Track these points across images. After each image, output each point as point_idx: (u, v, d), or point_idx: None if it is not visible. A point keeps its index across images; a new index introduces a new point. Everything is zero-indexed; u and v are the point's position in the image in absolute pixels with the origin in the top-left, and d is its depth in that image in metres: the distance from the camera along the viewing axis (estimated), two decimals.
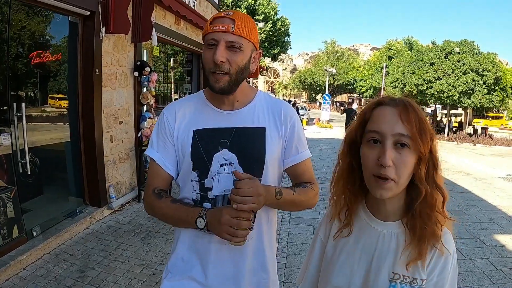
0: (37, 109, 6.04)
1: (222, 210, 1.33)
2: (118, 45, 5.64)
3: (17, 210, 3.99)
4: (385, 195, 1.04)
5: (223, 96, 1.48)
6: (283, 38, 33.72)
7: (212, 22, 1.41)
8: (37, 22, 5.33)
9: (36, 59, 5.43)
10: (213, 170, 1.47)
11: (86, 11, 4.98)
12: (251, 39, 1.43)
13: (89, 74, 5.15)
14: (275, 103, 1.61)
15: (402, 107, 1.05)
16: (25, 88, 5.45)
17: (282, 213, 5.90)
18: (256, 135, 1.51)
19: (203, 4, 9.40)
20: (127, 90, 6.03)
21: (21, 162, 4.20)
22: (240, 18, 1.40)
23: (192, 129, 1.50)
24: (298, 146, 1.59)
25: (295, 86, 50.61)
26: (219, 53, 1.35)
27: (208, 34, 1.40)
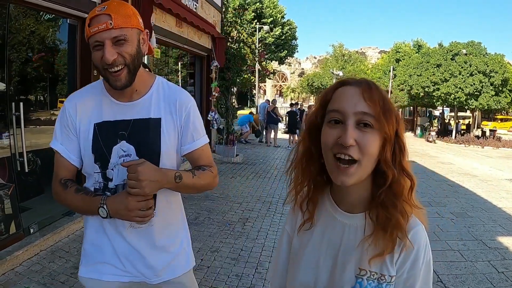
0: (41, 112, 6.17)
1: (127, 197, 1.40)
2: None
3: (15, 207, 4.08)
4: (347, 181, 0.97)
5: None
6: (290, 42, 33.79)
7: (90, 23, 1.40)
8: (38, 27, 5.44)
9: (39, 61, 5.54)
10: (112, 162, 1.53)
11: (85, 14, 5.06)
12: (132, 25, 1.43)
13: (87, 75, 5.23)
14: (172, 92, 1.64)
15: (365, 86, 0.99)
16: (26, 90, 5.55)
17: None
18: (152, 126, 1.56)
19: (205, 7, 9.49)
20: None
21: (19, 161, 4.29)
22: (114, 11, 1.39)
23: (92, 123, 1.53)
24: (194, 134, 1.64)
25: (303, 89, 50.43)
26: (107, 53, 1.37)
27: (91, 38, 1.40)
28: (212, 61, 9.50)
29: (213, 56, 9.52)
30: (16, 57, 5.42)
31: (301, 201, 1.16)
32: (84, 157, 1.55)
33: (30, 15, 5.20)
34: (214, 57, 9.50)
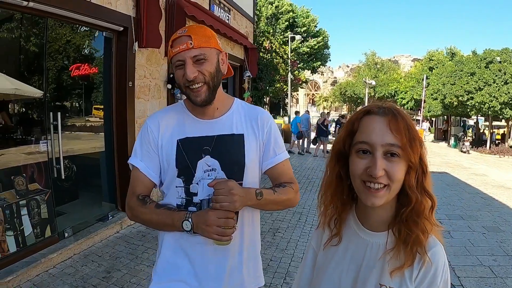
0: (76, 119, 6.40)
1: (208, 212, 1.43)
2: (151, 59, 5.92)
3: (51, 211, 4.29)
4: (377, 202, 1.02)
5: (204, 107, 1.57)
6: (323, 51, 33.64)
7: (172, 45, 1.52)
8: (74, 38, 5.68)
9: (76, 71, 5.78)
10: (197, 176, 1.56)
11: (120, 27, 5.29)
12: (211, 45, 1.52)
13: (122, 86, 5.44)
14: (252, 110, 1.70)
15: (390, 116, 1.03)
16: (64, 99, 5.77)
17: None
18: (236, 141, 1.60)
19: (237, 18, 9.64)
20: (160, 102, 6.30)
21: (56, 168, 4.50)
22: (194, 32, 1.50)
23: (175, 139, 1.58)
24: (275, 149, 1.68)
25: (335, 98, 50.03)
26: (189, 71, 1.47)
27: (173, 57, 1.51)
28: (245, 71, 9.62)
29: (245, 67, 9.64)
30: (53, 65, 5.67)
31: (329, 219, 1.22)
32: (167, 172, 1.60)
33: (67, 26, 5.45)
34: (247, 67, 9.61)
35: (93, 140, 6.35)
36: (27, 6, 4.05)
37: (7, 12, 4.59)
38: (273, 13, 27.57)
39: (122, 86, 5.44)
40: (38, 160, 4.52)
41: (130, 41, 5.35)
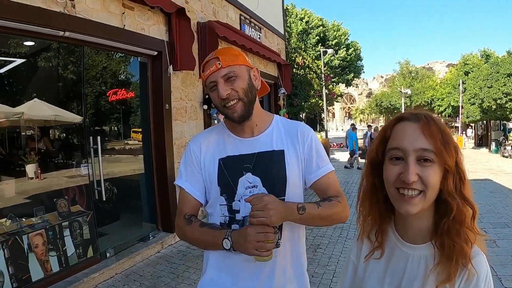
0: (115, 142, 6.60)
1: (246, 229, 1.44)
2: (186, 81, 6.07)
3: (93, 232, 4.44)
4: (412, 210, 1.00)
5: (243, 124, 1.60)
6: (356, 63, 33.44)
7: (204, 70, 1.59)
8: (110, 64, 5.91)
9: (113, 96, 6.00)
10: (239, 193, 1.58)
11: (154, 52, 5.47)
12: (239, 63, 1.57)
13: (159, 109, 5.59)
14: (291, 125, 1.71)
15: (423, 121, 1.02)
16: (103, 123, 5.97)
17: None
18: (276, 157, 1.62)
19: (269, 36, 9.74)
20: (197, 123, 6.41)
21: (97, 190, 4.66)
22: (221, 53, 1.57)
23: (217, 158, 1.63)
24: (318, 162, 1.66)
25: (371, 110, 49.31)
26: (221, 90, 1.51)
27: (206, 81, 1.58)
28: (279, 89, 9.68)
29: (280, 84, 9.70)
30: (91, 91, 5.89)
31: (368, 230, 1.20)
32: (210, 191, 1.64)
33: (103, 53, 5.68)
34: (281, 85, 9.67)
35: (132, 163, 6.52)
36: (64, 36, 4.25)
37: (45, 42, 4.83)
38: (304, 29, 27.68)
39: (159, 109, 5.59)
40: (80, 183, 4.72)
41: (164, 64, 5.51)
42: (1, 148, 8.54)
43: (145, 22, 5.31)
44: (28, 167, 7.54)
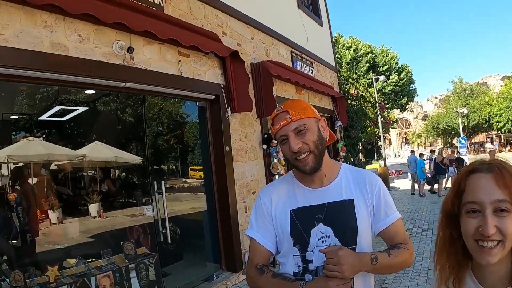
0: (174, 181, 6.68)
1: (327, 282, 1.46)
2: (244, 122, 6.10)
3: (158, 274, 4.50)
4: (492, 260, 1.01)
5: (313, 175, 1.63)
6: (408, 87, 32.79)
7: (273, 123, 1.65)
8: (169, 108, 6.05)
9: (173, 139, 6.12)
10: (312, 244, 1.61)
11: (211, 96, 5.59)
12: (308, 115, 1.61)
13: (220, 151, 5.67)
14: (359, 174, 1.74)
15: (496, 172, 1.03)
16: (162, 162, 6.10)
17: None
18: (346, 207, 1.64)
19: (321, 70, 9.72)
20: (257, 162, 6.40)
21: (162, 232, 4.71)
22: (290, 107, 1.62)
23: (288, 209, 1.67)
24: (387, 210, 1.68)
25: (429, 133, 47.89)
26: (292, 143, 1.56)
27: (276, 134, 1.63)
28: (335, 122, 9.56)
29: (335, 117, 9.58)
30: (149, 132, 6.04)
31: (446, 279, 1.19)
32: (283, 242, 1.68)
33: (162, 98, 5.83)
34: (337, 117, 9.56)
35: (192, 201, 6.57)
36: (125, 86, 4.43)
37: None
38: (353, 57, 27.59)
39: (220, 151, 5.68)
40: (142, 221, 4.79)
41: (222, 107, 5.60)
42: (66, 189, 8.93)
43: (201, 68, 5.43)
44: (91, 206, 7.86)
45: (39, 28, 3.65)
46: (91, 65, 4.06)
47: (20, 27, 3.50)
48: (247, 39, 6.62)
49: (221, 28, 6.03)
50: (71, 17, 3.87)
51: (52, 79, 3.92)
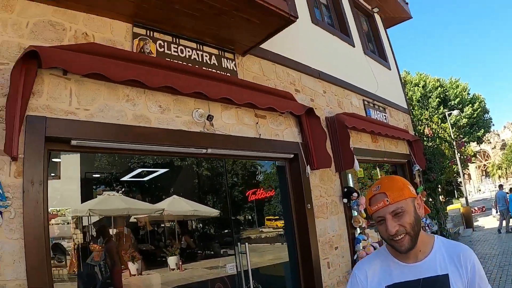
0: (249, 231, 6.67)
1: None
2: (324, 178, 6.03)
3: None
4: None
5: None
6: (483, 117, 31.30)
7: (370, 203, 1.69)
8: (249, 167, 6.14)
9: (252, 196, 6.17)
10: None
11: (290, 154, 5.58)
12: (405, 196, 1.65)
13: (302, 209, 5.59)
14: (453, 248, 1.73)
15: None
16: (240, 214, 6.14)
17: None
18: (441, 282, 1.64)
19: (394, 114, 9.50)
20: (339, 217, 6.26)
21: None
22: (388, 188, 1.66)
23: (384, 285, 1.71)
24: (481, 285, 1.66)
25: (509, 163, 45.05)
26: (390, 226, 1.61)
27: (373, 214, 1.69)
28: (413, 166, 9.22)
29: (413, 161, 9.26)
30: (229, 189, 6.11)
31: None
32: None
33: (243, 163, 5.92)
34: (414, 161, 9.22)
35: (269, 252, 6.48)
36: (206, 152, 4.52)
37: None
38: (422, 94, 26.90)
39: (301, 208, 5.60)
40: (221, 274, 4.76)
41: (302, 165, 5.55)
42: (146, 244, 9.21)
43: (278, 128, 5.48)
44: (169, 259, 7.99)
45: (121, 102, 3.87)
46: (173, 134, 4.22)
47: (104, 102, 3.73)
48: (319, 94, 6.64)
49: (294, 85, 6.10)
50: (152, 89, 4.08)
51: (136, 150, 4.10)
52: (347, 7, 8.96)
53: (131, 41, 4.26)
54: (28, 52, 3.10)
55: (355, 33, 8.80)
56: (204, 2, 4.18)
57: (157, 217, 8.76)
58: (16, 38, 3.40)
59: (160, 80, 3.93)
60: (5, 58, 3.28)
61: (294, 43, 6.37)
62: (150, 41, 4.44)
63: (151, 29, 4.49)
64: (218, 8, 4.33)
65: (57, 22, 3.70)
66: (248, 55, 5.45)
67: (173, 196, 8.63)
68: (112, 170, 8.23)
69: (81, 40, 3.83)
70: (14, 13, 3.46)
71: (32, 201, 3.06)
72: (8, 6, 3.45)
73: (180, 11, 4.29)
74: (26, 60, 3.11)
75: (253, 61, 5.54)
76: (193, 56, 4.86)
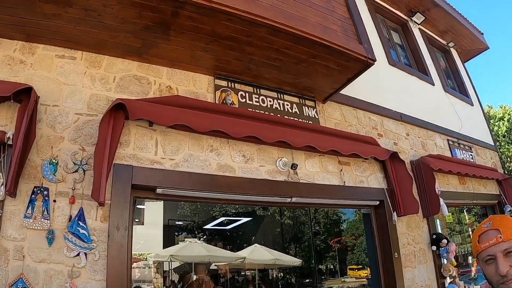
0: (331, 280, 6.46)
1: None
2: (411, 224, 5.78)
3: None
4: None
5: None
6: None
7: (480, 240, 1.57)
8: (333, 215, 6.03)
9: (336, 245, 6.02)
10: None
11: (376, 202, 5.41)
12: None
13: (388, 258, 5.36)
14: None
15: None
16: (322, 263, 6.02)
17: None
18: None
19: (481, 153, 9.00)
20: (427, 266, 5.93)
21: None
22: (501, 225, 1.54)
23: None
24: None
25: None
26: (501, 266, 1.47)
27: (482, 252, 1.55)
28: (505, 207, 8.58)
29: (504, 201, 8.64)
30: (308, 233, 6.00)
31: None
32: None
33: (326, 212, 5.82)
34: (506, 202, 8.60)
35: None
36: (290, 202, 4.49)
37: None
38: (508, 128, 25.30)
39: (388, 258, 5.36)
40: None
41: (388, 212, 5.37)
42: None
43: (362, 174, 5.38)
44: None
45: (206, 152, 4.00)
46: (257, 184, 4.28)
47: (188, 152, 3.88)
48: (402, 137, 6.47)
49: (376, 130, 6.00)
50: (235, 139, 4.18)
51: (220, 199, 4.16)
52: (422, 44, 8.79)
53: (213, 92, 4.45)
54: (116, 104, 3.31)
55: (433, 71, 8.57)
56: (282, 52, 4.29)
57: (237, 265, 8.80)
58: (104, 91, 3.69)
59: (243, 130, 4.03)
60: (93, 110, 3.56)
61: (374, 86, 6.32)
62: (232, 92, 4.59)
63: (232, 81, 4.66)
64: (297, 57, 4.43)
65: (142, 76, 3.98)
66: (328, 102, 5.47)
67: (255, 245, 8.67)
68: (194, 218, 8.44)
69: (165, 93, 4.07)
70: (102, 69, 3.78)
71: (117, 245, 3.21)
72: (96, 62, 3.77)
73: (259, 62, 4.44)
74: (113, 112, 3.34)
75: (334, 108, 5.55)
76: (275, 105, 4.95)
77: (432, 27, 9.42)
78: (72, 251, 3.07)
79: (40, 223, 3.02)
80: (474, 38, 10.39)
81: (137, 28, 3.66)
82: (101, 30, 3.61)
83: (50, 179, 3.19)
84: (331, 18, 4.69)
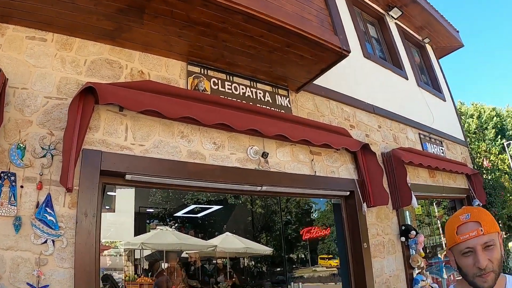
0: (302, 270, 6.53)
1: None
2: (380, 215, 5.84)
3: None
4: None
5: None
6: None
7: (458, 231, 1.55)
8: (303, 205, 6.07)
9: (306, 235, 6.05)
10: None
11: (346, 192, 5.45)
12: (497, 229, 1.55)
13: (357, 248, 5.41)
14: None
15: None
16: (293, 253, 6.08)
17: None
18: None
19: (451, 147, 9.16)
20: (396, 256, 6.01)
21: None
22: (480, 217, 1.54)
23: None
24: None
25: None
26: (481, 259, 1.47)
27: (460, 244, 1.54)
28: (473, 201, 8.77)
29: (472, 196, 8.83)
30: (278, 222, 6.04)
31: None
32: None
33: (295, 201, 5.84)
34: (474, 196, 8.79)
35: None
36: (261, 190, 4.49)
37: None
38: (478, 126, 25.96)
39: (358, 248, 5.41)
40: None
41: (358, 203, 5.41)
42: (196, 281, 9.22)
43: (333, 165, 5.40)
44: None
45: (176, 138, 3.95)
46: (228, 171, 4.24)
47: (159, 138, 3.82)
48: (374, 129, 6.52)
49: (348, 121, 6.03)
50: (206, 126, 4.13)
51: (190, 186, 4.12)
52: (398, 39, 8.87)
53: (185, 79, 4.38)
54: (86, 88, 3.23)
55: (407, 66, 8.67)
56: (256, 40, 4.24)
57: (209, 254, 8.80)
58: (74, 75, 3.59)
59: (214, 117, 3.99)
60: (63, 94, 3.46)
61: (347, 78, 6.34)
62: (204, 79, 4.53)
63: (205, 67, 4.60)
64: (271, 45, 4.39)
65: (113, 60, 3.88)
66: (302, 92, 5.46)
67: (226, 233, 8.67)
68: (166, 206, 8.39)
69: (137, 77, 3.99)
70: (73, 51, 3.67)
71: (85, 232, 3.13)
72: (67, 45, 3.66)
73: (233, 49, 4.38)
74: (83, 96, 3.25)
75: (307, 98, 5.54)
76: (247, 93, 4.91)
77: (409, 23, 9.51)
78: (40, 238, 2.96)
79: (6, 210, 2.91)
80: (449, 35, 10.54)
81: (110, 10, 3.55)
82: (74, 12, 3.48)
83: (17, 164, 3.08)
84: (307, 8, 4.65)
